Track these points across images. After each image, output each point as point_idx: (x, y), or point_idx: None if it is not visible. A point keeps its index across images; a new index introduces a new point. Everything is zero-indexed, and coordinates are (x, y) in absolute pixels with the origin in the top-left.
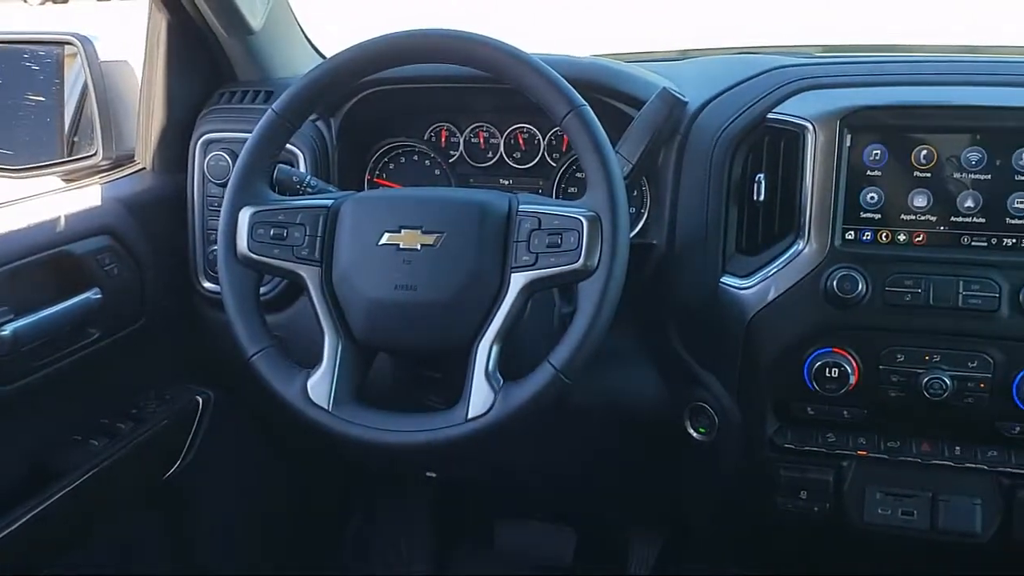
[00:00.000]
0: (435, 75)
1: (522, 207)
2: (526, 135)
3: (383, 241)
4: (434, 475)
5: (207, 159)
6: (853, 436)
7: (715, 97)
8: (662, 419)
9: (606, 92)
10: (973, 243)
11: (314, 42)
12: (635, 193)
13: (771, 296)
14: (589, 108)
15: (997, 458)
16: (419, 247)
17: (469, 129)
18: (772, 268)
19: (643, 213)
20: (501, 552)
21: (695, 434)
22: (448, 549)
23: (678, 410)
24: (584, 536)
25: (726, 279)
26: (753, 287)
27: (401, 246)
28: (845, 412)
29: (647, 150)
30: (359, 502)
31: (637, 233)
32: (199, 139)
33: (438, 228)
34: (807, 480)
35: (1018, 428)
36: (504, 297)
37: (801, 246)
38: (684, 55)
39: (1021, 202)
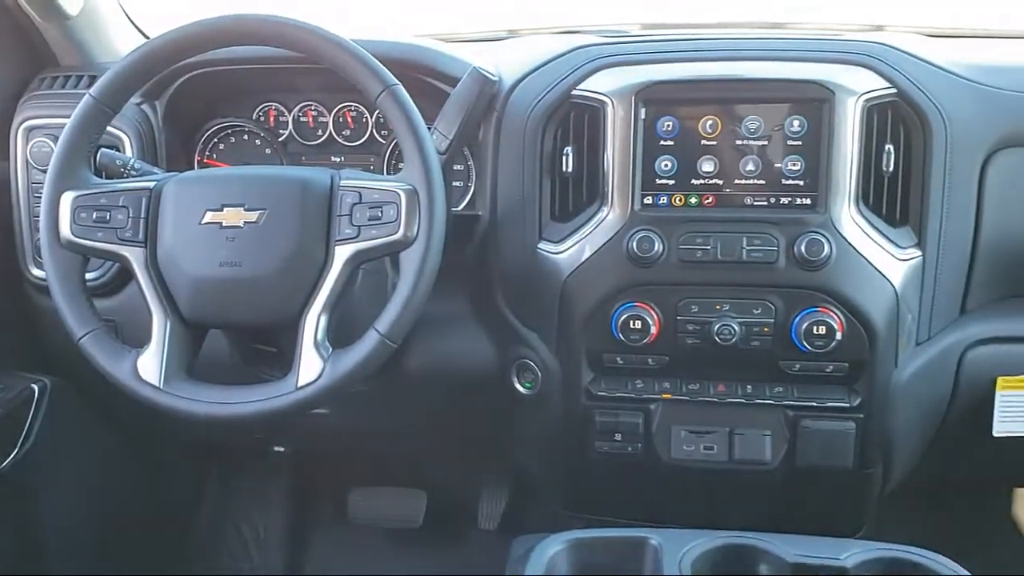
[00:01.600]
0: (260, 56)
1: (343, 182)
2: (354, 113)
3: (206, 220)
4: (282, 449)
5: (30, 145)
6: (659, 381)
7: (526, 75)
8: (493, 377)
9: (423, 71)
10: (755, 203)
11: (143, 27)
12: (461, 167)
13: (582, 259)
14: (402, 87)
15: (782, 394)
16: (242, 224)
17: (297, 108)
18: (582, 233)
19: (469, 186)
20: (355, 520)
21: (522, 389)
22: (303, 522)
23: (506, 368)
24: (434, 497)
25: (542, 245)
26: (566, 251)
27: (224, 224)
28: (650, 360)
29: (462, 126)
30: (212, 485)
31: (465, 205)
32: (20, 125)
33: (260, 205)
34: (620, 424)
35: (798, 366)
36: (329, 269)
37: (606, 212)
38: (512, 34)
39: (793, 164)
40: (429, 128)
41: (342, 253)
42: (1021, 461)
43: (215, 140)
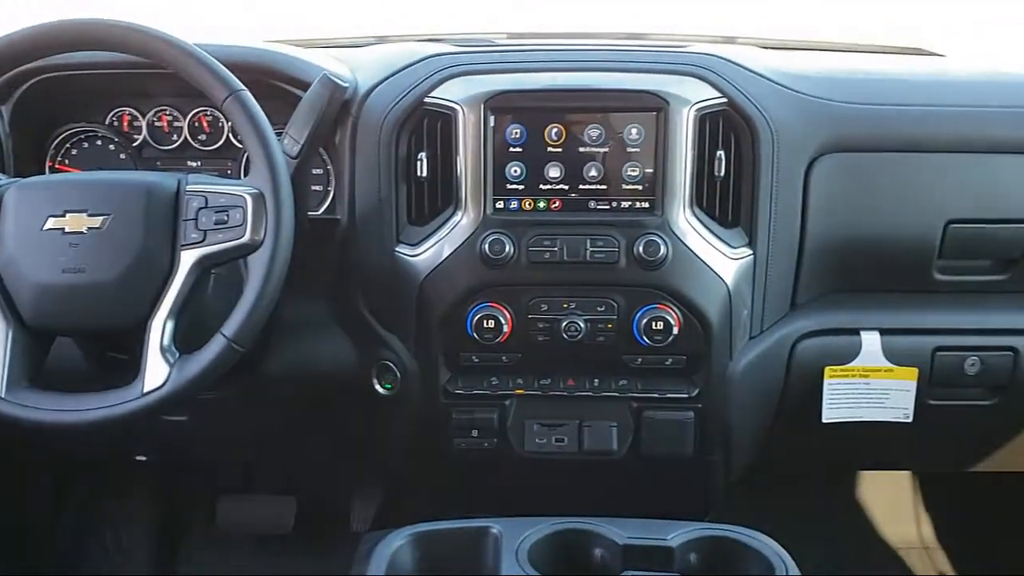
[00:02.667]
0: (112, 60)
1: (190, 187)
2: (210, 118)
3: (48, 226)
4: (144, 458)
5: None
6: (512, 378)
7: (381, 82)
8: (354, 380)
9: (274, 76)
10: (598, 207)
11: None
12: (320, 171)
13: (438, 261)
14: (247, 92)
15: (626, 386)
16: (85, 230)
17: (152, 113)
18: (438, 236)
19: (329, 190)
20: (224, 528)
21: (382, 390)
22: (169, 532)
23: (366, 370)
24: (305, 502)
25: (400, 248)
26: (423, 254)
27: (67, 230)
28: (504, 357)
29: (313, 131)
30: (74, 495)
31: (325, 209)
32: None
33: (104, 211)
34: (476, 420)
35: (640, 360)
36: (175, 275)
37: (460, 216)
38: (381, 40)
39: (633, 170)
40: (280, 133)
41: (188, 258)
42: (849, 446)
43: (67, 146)
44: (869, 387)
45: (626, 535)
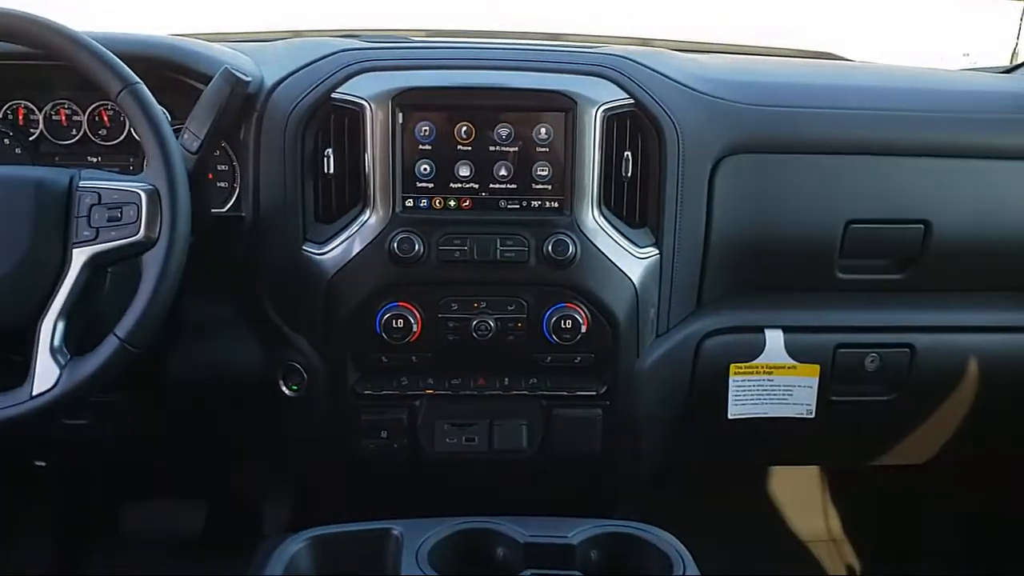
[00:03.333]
0: (3, 51)
1: (83, 183)
2: (110, 112)
3: None
4: (43, 463)
5: None
6: (423, 378)
7: (287, 77)
8: (260, 381)
9: (174, 69)
10: (508, 206)
11: None
12: (226, 168)
13: (345, 260)
14: (143, 86)
15: (536, 384)
16: None
17: (49, 106)
18: (346, 235)
19: (234, 187)
20: (128, 535)
21: (288, 391)
22: (71, 540)
23: (273, 371)
24: (216, 505)
25: (307, 247)
26: (330, 252)
27: None
28: (413, 357)
29: (214, 126)
30: None
31: (230, 207)
32: None
33: None
34: (386, 421)
35: (549, 358)
36: (66, 274)
37: (368, 214)
38: (296, 35)
39: (542, 170)
40: (180, 128)
41: (79, 256)
42: (755, 442)
43: None
44: (773, 383)
45: (528, 534)
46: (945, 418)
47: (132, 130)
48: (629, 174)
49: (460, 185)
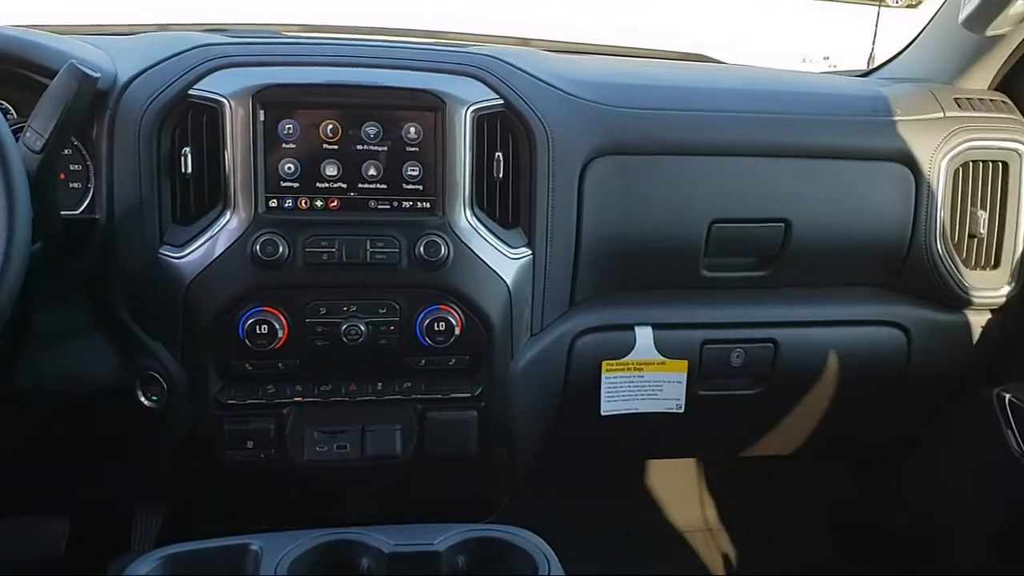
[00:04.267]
0: None
1: None
2: None
3: None
4: None
5: None
6: (291, 385)
7: (141, 73)
8: (117, 392)
9: (15, 63)
10: (378, 206)
11: None
12: (79, 167)
13: (205, 263)
14: None
15: (410, 388)
16: None
17: None
18: (205, 237)
19: (88, 188)
20: None
21: (147, 402)
22: None
23: (131, 382)
24: (80, 523)
25: (164, 249)
26: (189, 256)
27: None
28: (280, 364)
29: (60, 124)
30: None
31: (84, 209)
32: None
33: None
34: (251, 431)
35: (423, 361)
36: None
37: (229, 215)
38: (163, 28)
39: (412, 170)
40: (23, 125)
41: None
42: (629, 437)
43: None
44: (643, 380)
45: (393, 543)
46: (808, 410)
47: None
48: (501, 175)
49: (327, 185)
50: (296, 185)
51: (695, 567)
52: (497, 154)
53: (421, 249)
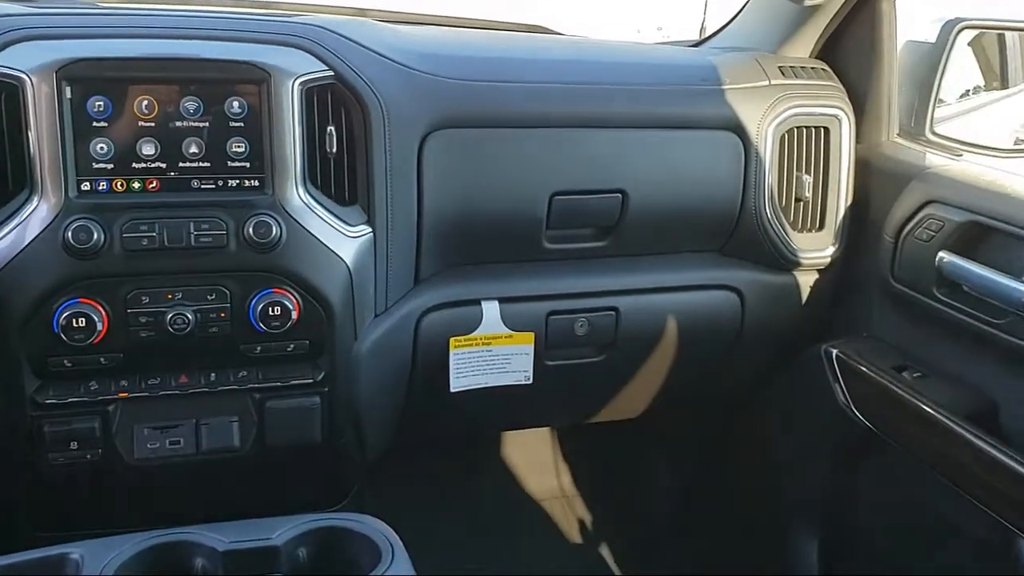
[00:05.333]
0: None
1: None
2: None
3: None
4: None
5: None
6: (115, 380)
7: None
8: None
9: None
10: (202, 186)
11: None
12: None
13: (13, 253)
14: None
15: (247, 377)
16: None
17: None
18: (11, 225)
19: None
20: None
21: None
22: None
23: None
24: None
25: None
26: None
27: None
28: (102, 359)
29: None
30: None
31: None
32: None
33: None
34: (74, 431)
35: (259, 348)
36: None
37: (37, 201)
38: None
39: (238, 146)
40: None
41: None
42: (481, 412)
43: None
44: (492, 354)
45: (228, 540)
46: (652, 373)
47: None
48: (334, 150)
49: (144, 165)
50: (110, 166)
51: (552, 534)
52: (329, 128)
53: (250, 230)
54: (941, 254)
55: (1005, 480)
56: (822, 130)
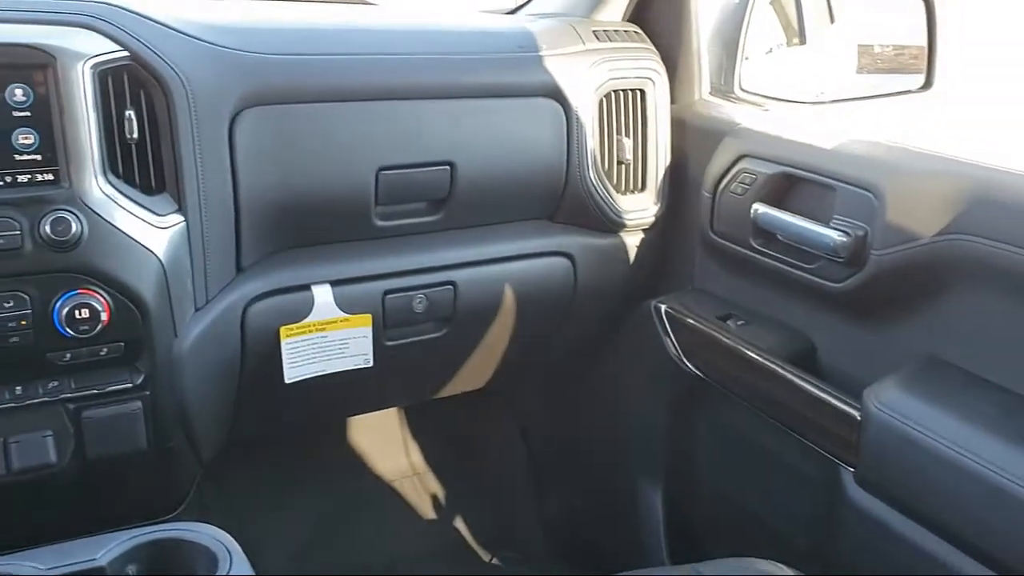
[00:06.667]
0: None
1: None
2: None
3: None
4: None
5: None
6: None
7: None
8: None
9: None
10: None
11: None
12: None
13: None
14: None
15: (58, 387)
16: None
17: None
18: None
19: None
20: None
21: None
22: None
23: None
24: None
25: None
26: None
27: None
28: None
29: None
30: None
31: None
32: None
33: None
34: None
35: (69, 355)
36: None
37: None
38: None
39: (26, 138)
40: None
41: None
42: (321, 400)
43: None
44: (327, 340)
45: (45, 568)
46: (492, 343)
47: None
48: (135, 135)
49: None
50: None
51: (406, 514)
52: (128, 112)
53: (47, 228)
54: (755, 206)
55: (826, 416)
56: (638, 92)
